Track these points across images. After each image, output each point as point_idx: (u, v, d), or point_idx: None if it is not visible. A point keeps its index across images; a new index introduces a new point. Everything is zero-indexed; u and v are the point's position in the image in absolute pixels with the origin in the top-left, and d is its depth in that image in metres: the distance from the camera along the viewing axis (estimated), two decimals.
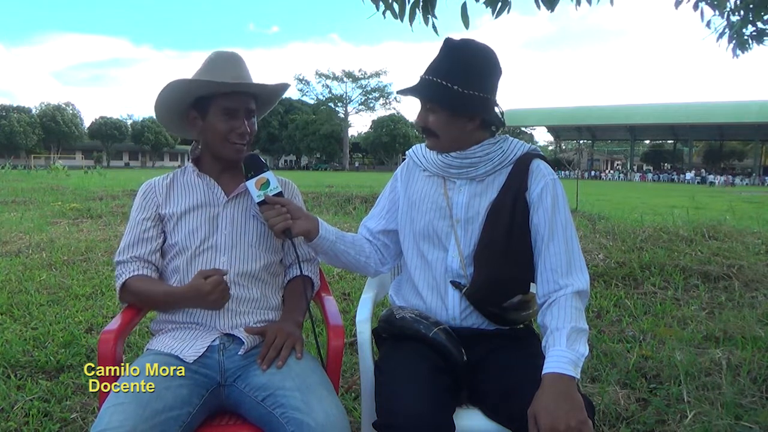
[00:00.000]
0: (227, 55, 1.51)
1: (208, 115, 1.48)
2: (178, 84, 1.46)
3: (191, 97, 1.49)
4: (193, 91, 1.47)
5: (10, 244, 5.73)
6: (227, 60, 1.50)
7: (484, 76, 1.39)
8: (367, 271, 1.60)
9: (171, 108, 1.53)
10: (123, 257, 1.49)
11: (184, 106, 1.52)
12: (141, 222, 1.52)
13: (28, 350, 2.76)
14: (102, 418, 1.17)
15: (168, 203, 1.53)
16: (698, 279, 4.19)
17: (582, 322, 1.31)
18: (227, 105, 1.46)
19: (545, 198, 1.41)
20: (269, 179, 1.40)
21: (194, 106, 1.50)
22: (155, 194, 1.55)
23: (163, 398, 1.22)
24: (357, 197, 10.27)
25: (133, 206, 1.56)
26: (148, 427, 1.15)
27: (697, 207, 10.71)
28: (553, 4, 2.95)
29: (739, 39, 4.32)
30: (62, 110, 65.44)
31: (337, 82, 68.39)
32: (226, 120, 1.47)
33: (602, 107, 59.84)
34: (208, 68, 1.48)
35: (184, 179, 1.58)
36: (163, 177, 1.60)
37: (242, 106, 1.48)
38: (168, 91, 1.48)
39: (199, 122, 1.51)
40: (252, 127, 1.52)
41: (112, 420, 1.14)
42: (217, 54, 1.52)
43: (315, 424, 1.19)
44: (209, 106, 1.47)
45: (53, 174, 22.25)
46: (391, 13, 3.07)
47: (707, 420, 2.07)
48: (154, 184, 1.58)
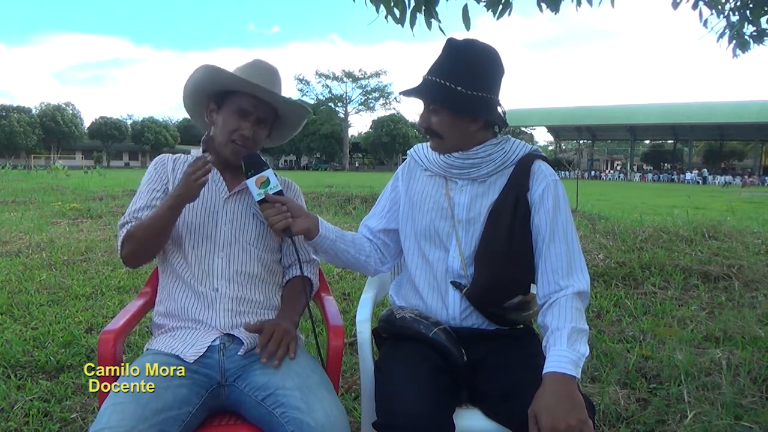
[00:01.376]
0: (266, 65, 1.56)
1: (223, 109, 1.51)
2: (208, 68, 1.48)
3: (215, 86, 1.51)
4: (218, 81, 1.49)
5: (10, 244, 5.73)
6: (263, 68, 1.54)
7: (487, 76, 1.39)
8: (366, 270, 1.60)
9: (196, 93, 1.56)
10: (128, 218, 1.49)
11: (206, 93, 1.54)
12: (151, 191, 1.53)
13: (28, 350, 2.76)
14: (101, 418, 1.17)
15: (175, 182, 1.54)
16: (698, 279, 4.20)
17: (582, 322, 1.31)
18: (242, 104, 1.48)
19: (547, 199, 1.41)
20: (269, 178, 1.40)
21: (215, 98, 1.53)
22: (166, 169, 1.57)
23: (162, 398, 1.22)
24: (357, 197, 10.27)
25: (145, 176, 1.58)
26: (146, 426, 1.15)
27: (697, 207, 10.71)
28: (557, 6, 2.95)
29: (739, 39, 4.32)
30: (62, 110, 65.40)
31: (337, 82, 68.53)
32: (236, 118, 1.49)
33: (602, 107, 59.84)
34: (243, 68, 1.52)
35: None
36: (176, 156, 1.62)
37: (256, 111, 1.50)
38: (199, 73, 1.50)
39: (214, 114, 1.54)
40: (258, 134, 1.53)
41: (111, 419, 1.14)
42: (258, 60, 1.56)
43: (315, 423, 1.19)
44: (227, 101, 1.50)
45: (53, 174, 22.26)
46: (392, 18, 3.07)
47: (707, 420, 2.07)
48: (166, 159, 1.60)
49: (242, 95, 1.48)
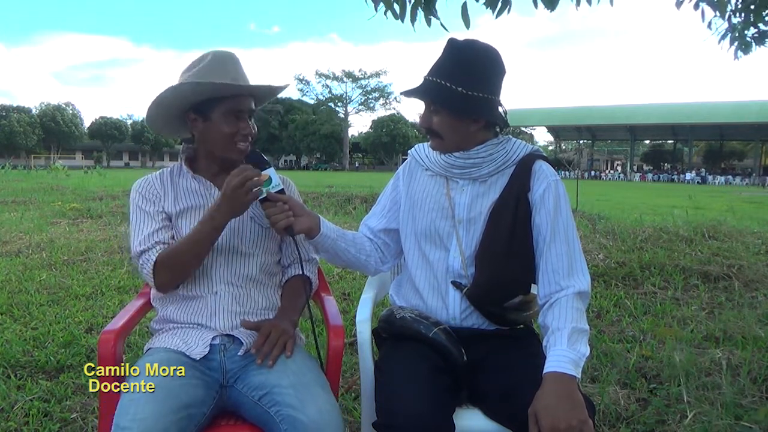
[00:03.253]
0: (226, 56, 1.49)
1: (212, 116, 1.45)
2: (182, 87, 1.43)
3: (193, 99, 1.45)
4: (197, 94, 1.44)
5: (10, 244, 5.73)
6: (226, 61, 1.48)
7: (488, 76, 1.39)
8: (367, 269, 1.60)
9: (170, 110, 1.49)
10: (146, 245, 1.41)
11: (183, 107, 1.48)
12: (154, 213, 1.47)
13: (28, 350, 2.76)
14: (126, 410, 1.17)
15: (166, 200, 1.51)
16: (698, 279, 4.20)
17: (583, 322, 1.31)
18: (233, 107, 1.45)
19: (547, 199, 1.41)
20: (271, 176, 1.38)
21: (194, 108, 1.47)
22: (155, 189, 1.51)
23: (179, 396, 1.23)
24: (357, 197, 10.28)
25: (135, 203, 1.50)
26: (174, 419, 1.16)
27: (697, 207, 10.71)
28: (553, 5, 2.94)
29: (741, 41, 4.32)
30: (62, 110, 65.40)
31: (337, 82, 68.53)
32: (233, 122, 1.45)
33: (602, 107, 59.84)
34: (208, 69, 1.44)
35: (179, 180, 1.54)
36: (156, 175, 1.55)
37: (246, 108, 1.48)
38: (170, 93, 1.44)
39: (199, 124, 1.48)
40: (254, 126, 1.52)
41: (139, 411, 1.15)
42: (214, 55, 1.48)
43: (308, 420, 1.19)
44: (213, 108, 1.45)
45: (53, 174, 22.25)
46: (392, 14, 3.06)
47: (707, 420, 2.07)
48: (150, 179, 1.53)
49: (228, 98, 1.44)
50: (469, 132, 1.42)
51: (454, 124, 1.40)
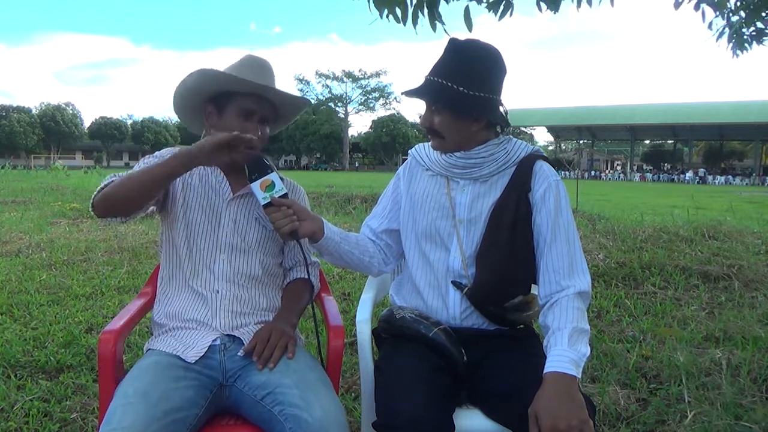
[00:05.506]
0: (259, 60, 1.53)
1: (225, 112, 1.47)
2: (204, 72, 1.44)
3: (213, 89, 1.47)
4: (216, 84, 1.46)
5: (10, 244, 5.73)
6: (258, 65, 1.51)
7: (489, 76, 1.39)
8: (370, 270, 1.60)
9: (190, 97, 1.51)
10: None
11: (203, 97, 1.50)
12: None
13: (28, 350, 2.76)
14: (111, 417, 1.16)
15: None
16: (698, 279, 4.19)
17: (583, 322, 1.31)
18: (245, 106, 1.46)
19: (548, 199, 1.41)
20: (274, 181, 1.37)
21: (213, 101, 1.49)
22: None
23: (170, 399, 1.22)
24: (357, 197, 10.27)
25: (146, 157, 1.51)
26: (159, 426, 1.15)
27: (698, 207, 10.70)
28: (556, 6, 2.95)
29: (738, 39, 4.33)
30: (62, 110, 65.34)
31: (337, 82, 68.48)
32: (241, 121, 1.46)
33: (602, 107, 59.75)
34: (237, 67, 1.48)
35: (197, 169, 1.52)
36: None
37: (259, 111, 1.48)
38: (193, 78, 1.46)
39: (213, 117, 1.49)
40: (264, 133, 1.52)
41: (124, 419, 1.14)
42: (250, 56, 1.53)
43: (312, 419, 1.19)
44: (228, 104, 1.47)
45: (53, 174, 22.22)
46: (393, 17, 3.07)
47: (707, 420, 2.07)
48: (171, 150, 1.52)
49: (243, 96, 1.46)
50: (470, 132, 1.42)
51: (455, 123, 1.40)
